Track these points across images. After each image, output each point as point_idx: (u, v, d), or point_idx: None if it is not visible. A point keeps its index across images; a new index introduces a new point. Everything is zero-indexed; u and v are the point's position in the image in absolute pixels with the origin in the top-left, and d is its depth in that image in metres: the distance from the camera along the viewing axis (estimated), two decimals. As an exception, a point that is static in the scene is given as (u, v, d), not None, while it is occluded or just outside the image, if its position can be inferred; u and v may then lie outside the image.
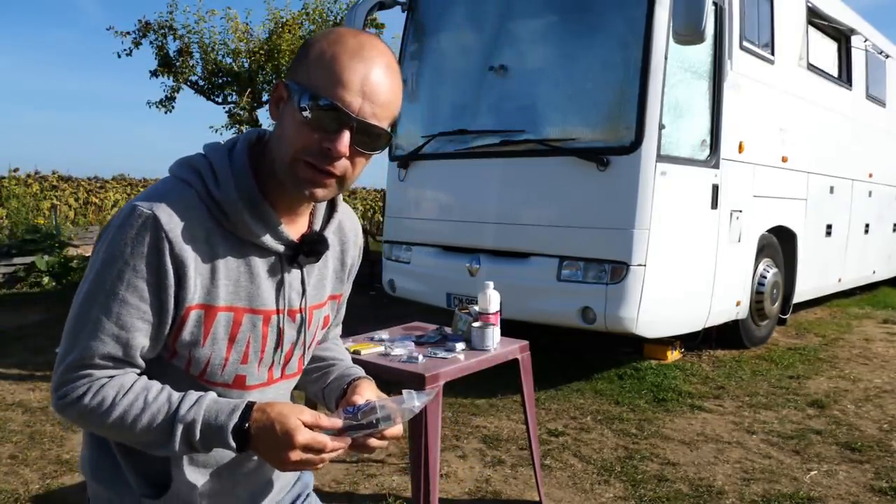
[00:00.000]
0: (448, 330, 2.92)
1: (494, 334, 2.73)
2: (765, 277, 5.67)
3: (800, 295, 6.43)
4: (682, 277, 4.63)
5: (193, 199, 1.04)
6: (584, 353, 5.40)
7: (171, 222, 1.00)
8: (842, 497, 3.09)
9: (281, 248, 1.10)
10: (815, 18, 6.25)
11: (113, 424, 1.00)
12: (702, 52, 4.58)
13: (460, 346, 2.69)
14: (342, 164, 1.02)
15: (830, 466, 3.42)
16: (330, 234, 1.20)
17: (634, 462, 3.42)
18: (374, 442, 1.07)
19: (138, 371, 1.05)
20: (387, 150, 2.49)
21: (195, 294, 1.03)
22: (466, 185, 4.96)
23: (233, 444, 0.99)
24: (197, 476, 1.13)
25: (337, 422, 1.03)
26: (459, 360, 2.58)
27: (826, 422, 4.06)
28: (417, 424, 2.40)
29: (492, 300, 2.79)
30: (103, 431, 1.05)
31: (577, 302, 4.37)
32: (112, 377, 1.02)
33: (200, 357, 1.07)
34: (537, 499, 2.99)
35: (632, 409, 4.20)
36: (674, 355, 5.31)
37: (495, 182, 4.80)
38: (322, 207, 1.20)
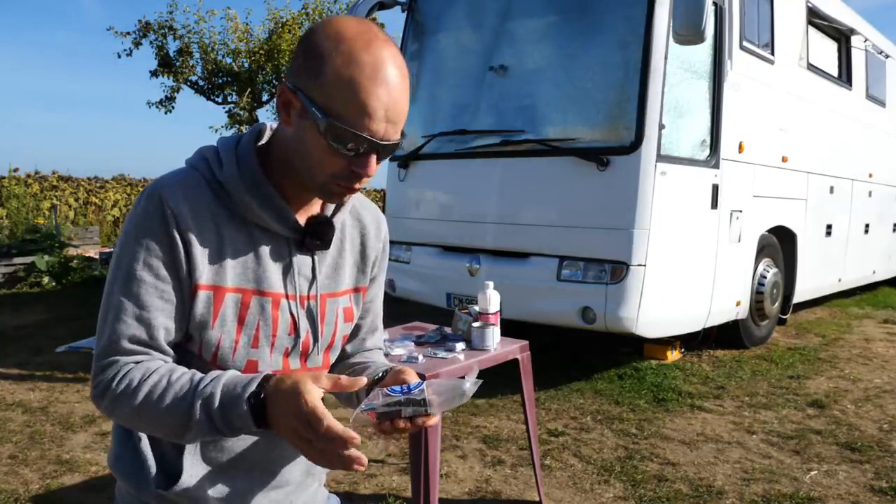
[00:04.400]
0: (448, 330, 2.92)
1: (494, 334, 2.73)
2: (765, 277, 5.67)
3: (800, 295, 6.43)
4: (681, 277, 4.63)
5: (199, 181, 1.07)
6: (584, 353, 5.39)
7: (176, 199, 1.03)
8: (842, 497, 3.09)
9: (286, 231, 1.12)
10: (815, 18, 6.25)
11: (140, 407, 0.99)
12: (702, 52, 4.58)
13: (460, 346, 2.69)
14: (367, 176, 1.08)
15: (830, 466, 3.42)
16: (345, 222, 1.21)
17: (634, 462, 3.42)
18: (406, 425, 1.00)
19: (165, 359, 1.06)
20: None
21: (202, 273, 1.05)
22: (466, 185, 4.96)
23: (245, 408, 0.95)
24: (207, 472, 1.12)
25: (362, 380, 0.98)
26: (459, 360, 2.58)
27: (826, 422, 4.06)
28: (417, 424, 2.39)
29: (492, 300, 2.79)
30: (132, 419, 1.03)
31: (577, 302, 4.37)
32: (138, 362, 1.03)
33: (211, 340, 1.07)
34: (537, 499, 2.99)
35: (632, 409, 4.20)
36: (674, 355, 5.31)
37: (495, 182, 4.80)
38: None
